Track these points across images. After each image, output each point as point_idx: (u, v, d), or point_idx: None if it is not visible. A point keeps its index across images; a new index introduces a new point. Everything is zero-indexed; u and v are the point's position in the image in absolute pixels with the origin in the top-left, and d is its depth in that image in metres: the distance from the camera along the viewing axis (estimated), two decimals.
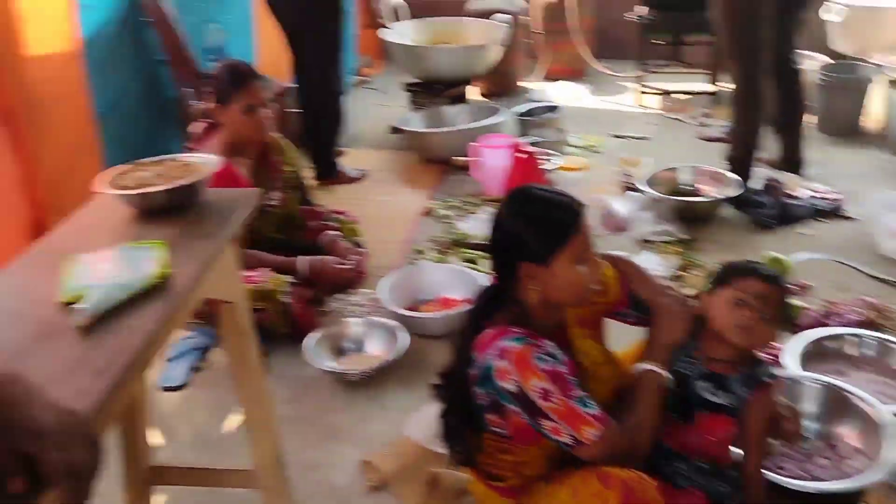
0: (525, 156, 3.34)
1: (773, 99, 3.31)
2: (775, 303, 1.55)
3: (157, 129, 3.51)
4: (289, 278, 2.53)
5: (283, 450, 2.05)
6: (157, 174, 1.57)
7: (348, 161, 3.91)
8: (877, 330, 2.38)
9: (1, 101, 2.61)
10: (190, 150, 2.66)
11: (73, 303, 1.21)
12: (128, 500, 1.79)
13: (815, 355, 2.26)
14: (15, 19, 2.59)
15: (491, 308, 1.53)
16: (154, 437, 2.00)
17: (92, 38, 3.00)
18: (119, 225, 1.51)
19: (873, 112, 4.17)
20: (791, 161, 3.51)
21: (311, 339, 2.42)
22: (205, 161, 1.61)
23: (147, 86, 3.46)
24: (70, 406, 0.95)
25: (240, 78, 2.47)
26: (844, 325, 2.40)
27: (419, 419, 2.07)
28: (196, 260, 1.37)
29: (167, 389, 2.37)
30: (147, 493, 1.82)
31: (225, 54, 3.53)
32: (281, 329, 2.48)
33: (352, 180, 3.78)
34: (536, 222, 1.46)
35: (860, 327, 2.39)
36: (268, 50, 4.23)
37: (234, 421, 2.23)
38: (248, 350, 1.65)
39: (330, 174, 3.73)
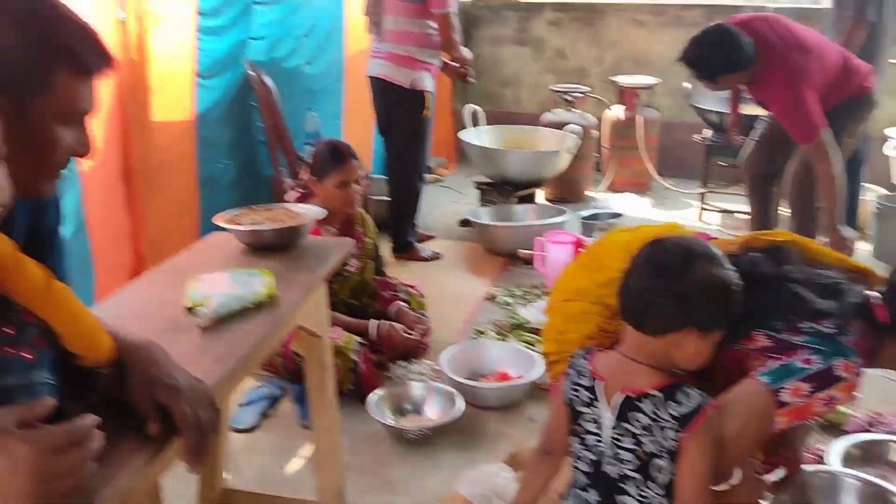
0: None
1: None
2: None
3: (247, 201, 3.78)
4: (358, 338, 2.72)
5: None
6: (267, 217, 1.82)
7: (426, 245, 4.35)
8: None
9: (126, 162, 2.96)
10: None
11: (195, 308, 1.43)
12: None
13: (858, 458, 2.31)
14: (146, 90, 2.97)
15: None
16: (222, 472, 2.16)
17: (204, 114, 3.38)
18: (231, 256, 1.75)
19: None
20: None
21: (374, 396, 2.59)
22: (308, 210, 1.85)
23: (245, 162, 3.80)
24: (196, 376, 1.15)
25: (338, 156, 2.77)
26: (890, 434, 2.44)
27: (472, 477, 2.18)
28: (297, 288, 1.59)
29: (237, 430, 2.54)
30: None
31: (321, 138, 3.88)
32: (346, 385, 2.65)
33: (424, 259, 4.20)
34: None
35: None
36: (353, 136, 4.60)
37: (296, 464, 2.38)
38: (327, 382, 1.83)
39: (406, 250, 4.17)
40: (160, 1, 2.93)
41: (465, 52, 4.04)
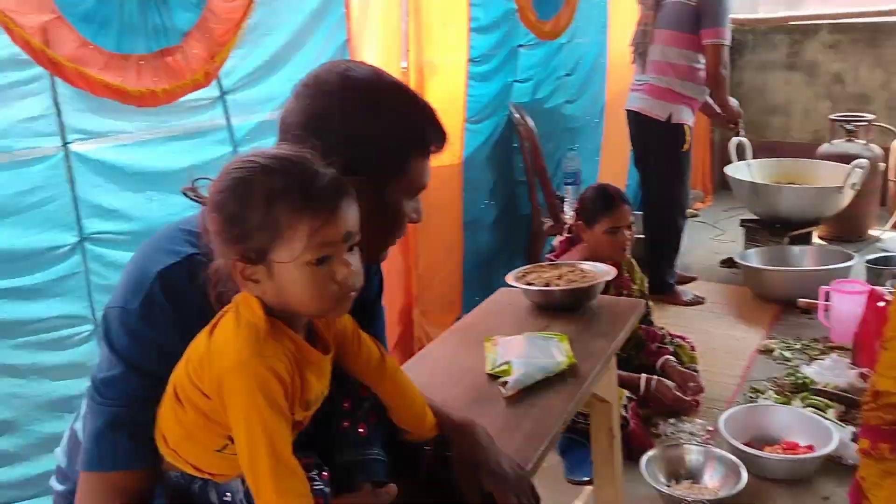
0: (885, 305, 3.09)
1: None
2: None
3: (505, 241, 3.86)
4: (627, 392, 2.59)
5: None
6: (554, 275, 1.77)
7: (686, 287, 4.06)
8: None
9: None
10: (551, 260, 2.90)
11: (498, 376, 1.41)
12: None
13: None
14: None
15: None
16: None
17: (470, 157, 3.45)
18: (521, 315, 1.72)
19: None
20: None
21: (646, 458, 2.44)
22: (600, 270, 1.78)
23: (505, 202, 3.85)
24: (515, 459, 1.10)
25: (609, 201, 2.67)
26: None
27: None
28: (593, 356, 1.51)
29: None
30: None
31: (580, 178, 3.82)
32: None
33: (685, 303, 3.90)
34: None
35: None
36: (609, 172, 4.51)
37: None
38: (616, 451, 1.73)
39: (665, 292, 3.90)
40: (438, 52, 3.04)
41: (733, 104, 3.77)
